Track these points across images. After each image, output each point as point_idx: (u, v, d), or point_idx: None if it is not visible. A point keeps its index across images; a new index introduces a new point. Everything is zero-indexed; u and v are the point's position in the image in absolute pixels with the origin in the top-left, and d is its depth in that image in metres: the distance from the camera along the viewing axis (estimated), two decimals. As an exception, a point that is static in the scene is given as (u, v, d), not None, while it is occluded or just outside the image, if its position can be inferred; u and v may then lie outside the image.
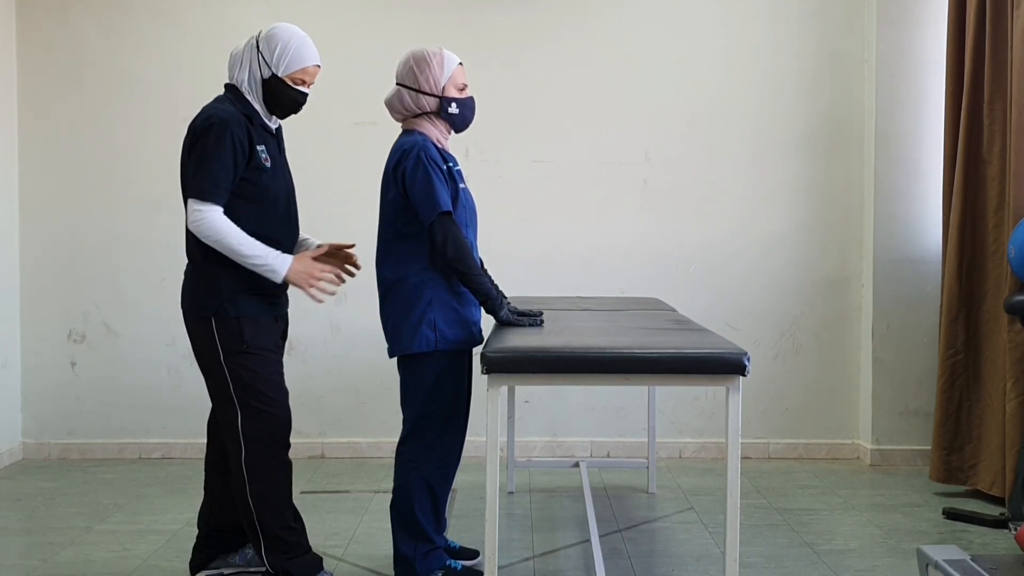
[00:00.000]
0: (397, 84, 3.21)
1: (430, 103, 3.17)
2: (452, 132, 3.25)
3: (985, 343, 4.36)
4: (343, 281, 3.26)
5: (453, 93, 3.19)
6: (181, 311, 3.24)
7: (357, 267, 3.33)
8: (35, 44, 5.06)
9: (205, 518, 3.38)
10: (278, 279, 3.07)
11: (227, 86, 3.21)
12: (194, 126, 3.12)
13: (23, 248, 5.10)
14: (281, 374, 3.24)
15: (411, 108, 3.19)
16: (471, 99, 3.25)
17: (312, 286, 3.11)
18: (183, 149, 3.16)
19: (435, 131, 3.20)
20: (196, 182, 3.05)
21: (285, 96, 3.16)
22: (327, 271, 3.18)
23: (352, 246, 3.33)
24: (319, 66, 3.20)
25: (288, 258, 3.10)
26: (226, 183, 3.05)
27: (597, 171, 5.14)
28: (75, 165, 5.09)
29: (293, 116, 3.25)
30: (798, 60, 5.13)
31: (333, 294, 3.21)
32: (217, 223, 3.03)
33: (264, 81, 3.14)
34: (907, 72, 4.96)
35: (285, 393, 3.22)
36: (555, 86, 5.13)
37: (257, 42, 3.16)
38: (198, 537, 3.40)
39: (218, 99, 3.19)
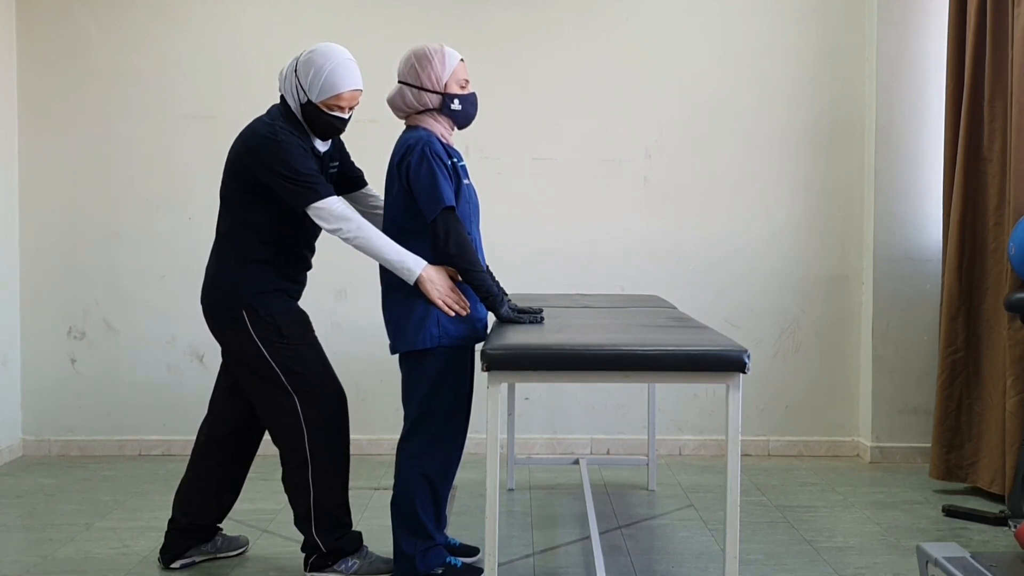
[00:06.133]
0: (399, 82, 3.21)
1: (432, 100, 3.16)
2: (455, 128, 3.25)
3: (985, 341, 4.36)
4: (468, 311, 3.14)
5: (455, 89, 3.19)
6: (204, 315, 3.30)
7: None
8: (35, 41, 5.06)
9: (186, 509, 3.42)
10: (411, 280, 3.05)
11: (283, 100, 3.23)
12: (258, 143, 3.12)
13: (23, 245, 5.10)
14: (326, 358, 3.33)
15: (413, 105, 3.18)
16: (473, 95, 3.24)
17: (441, 299, 3.07)
18: (237, 158, 3.18)
19: (439, 127, 3.19)
20: (305, 185, 3.07)
21: (321, 122, 3.19)
22: (457, 293, 3.12)
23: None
24: (358, 90, 3.20)
25: (423, 261, 3.07)
26: (320, 178, 3.13)
27: (597, 168, 5.14)
28: (75, 162, 5.09)
29: None
30: (798, 57, 5.12)
31: (460, 314, 3.11)
32: (360, 219, 3.11)
33: (302, 106, 3.17)
34: (908, 69, 4.96)
35: (335, 374, 3.33)
36: (555, 83, 5.12)
37: (296, 66, 3.17)
38: (174, 527, 3.44)
39: (271, 114, 3.20)
